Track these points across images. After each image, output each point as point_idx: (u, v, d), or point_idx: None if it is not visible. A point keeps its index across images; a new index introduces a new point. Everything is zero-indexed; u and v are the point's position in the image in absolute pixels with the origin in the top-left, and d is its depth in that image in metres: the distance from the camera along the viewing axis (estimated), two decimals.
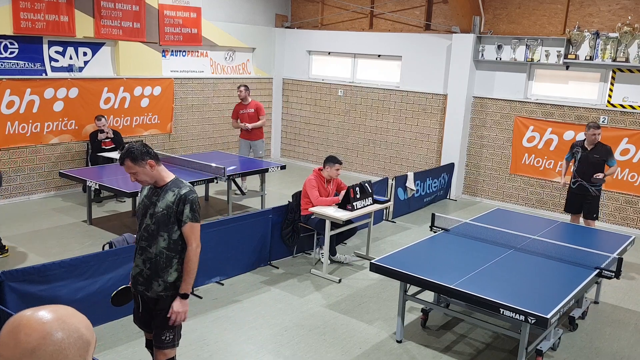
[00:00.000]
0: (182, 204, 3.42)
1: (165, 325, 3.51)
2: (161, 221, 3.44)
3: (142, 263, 3.53)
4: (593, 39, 8.76)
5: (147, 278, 3.51)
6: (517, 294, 4.27)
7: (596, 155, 7.06)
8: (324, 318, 5.47)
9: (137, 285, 3.58)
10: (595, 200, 7.23)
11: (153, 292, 3.52)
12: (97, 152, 8.88)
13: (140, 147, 3.44)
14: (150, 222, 3.47)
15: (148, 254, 3.50)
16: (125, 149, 3.46)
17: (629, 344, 5.27)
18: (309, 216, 6.63)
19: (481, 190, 10.38)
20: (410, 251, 5.23)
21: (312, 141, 12.52)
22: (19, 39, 8.47)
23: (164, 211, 3.43)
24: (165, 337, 3.52)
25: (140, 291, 3.58)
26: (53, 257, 6.39)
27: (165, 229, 3.45)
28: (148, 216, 3.49)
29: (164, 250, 3.47)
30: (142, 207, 3.57)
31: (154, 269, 3.49)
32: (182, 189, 3.46)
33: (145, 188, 3.63)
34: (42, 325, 1.29)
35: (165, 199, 3.45)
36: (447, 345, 5.07)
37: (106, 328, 5.00)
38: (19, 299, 4.45)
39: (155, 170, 3.47)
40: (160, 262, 3.48)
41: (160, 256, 3.47)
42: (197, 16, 10.71)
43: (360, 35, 11.48)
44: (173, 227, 3.45)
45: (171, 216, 3.44)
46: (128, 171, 3.44)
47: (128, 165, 3.41)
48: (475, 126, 10.28)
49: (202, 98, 11.22)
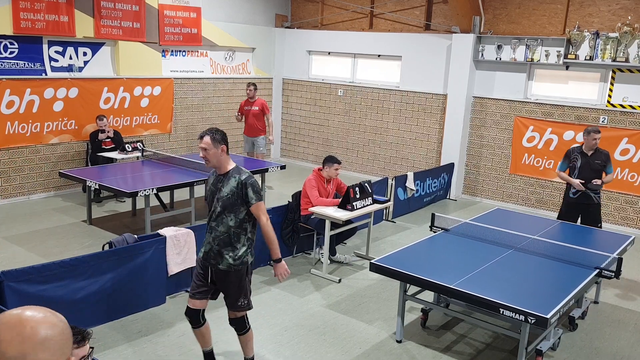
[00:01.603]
0: (244, 188, 3.94)
1: (240, 292, 4.10)
2: (227, 204, 3.94)
3: (212, 240, 4.02)
4: (593, 39, 8.76)
5: (218, 253, 4.01)
6: (517, 294, 4.27)
7: (597, 161, 6.61)
8: (324, 318, 5.47)
9: (209, 259, 4.06)
10: (599, 208, 6.75)
11: (224, 264, 4.01)
12: (97, 152, 8.88)
13: (222, 132, 4.03)
14: (218, 205, 3.97)
15: (217, 232, 3.99)
16: (209, 129, 4.00)
17: (629, 344, 5.27)
18: (308, 216, 6.63)
19: (481, 190, 10.38)
20: (410, 251, 5.23)
21: (312, 141, 12.52)
22: (19, 39, 8.47)
23: (229, 195, 3.94)
24: (240, 303, 4.13)
25: (212, 264, 4.05)
26: (53, 257, 6.39)
27: (231, 210, 3.95)
28: (216, 200, 3.99)
29: (232, 228, 3.97)
30: (209, 193, 4.10)
31: (223, 244, 3.99)
32: (242, 175, 3.97)
33: (210, 177, 4.15)
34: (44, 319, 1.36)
35: (229, 185, 3.95)
36: (447, 345, 5.07)
37: (106, 328, 5.00)
38: (19, 299, 4.45)
39: (223, 156, 3.98)
40: (229, 239, 3.99)
41: (229, 233, 3.98)
42: (197, 16, 10.72)
43: (360, 35, 11.48)
44: (239, 209, 3.96)
45: (237, 199, 3.93)
46: (203, 146, 3.92)
47: (206, 141, 3.90)
48: (475, 126, 10.28)
49: (202, 98, 11.22)
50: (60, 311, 1.48)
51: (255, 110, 9.86)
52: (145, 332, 4.97)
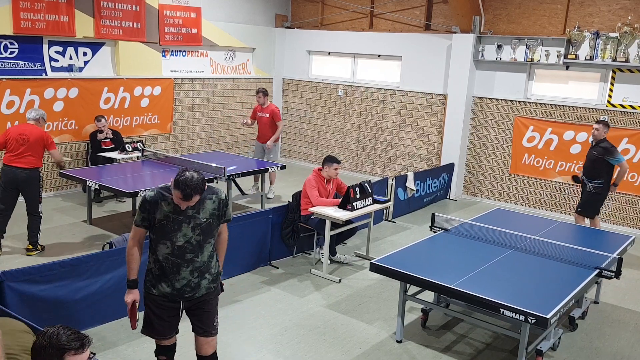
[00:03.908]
0: (224, 207, 3.60)
1: (216, 311, 3.74)
2: (207, 230, 3.52)
3: (189, 274, 3.52)
4: (593, 39, 8.76)
5: (197, 284, 3.57)
6: (517, 294, 4.27)
7: (594, 152, 7.20)
8: (324, 318, 5.47)
9: (182, 295, 3.55)
10: (588, 196, 7.31)
11: (202, 290, 3.60)
12: (97, 152, 8.88)
13: (204, 180, 3.39)
14: (193, 234, 3.47)
15: (196, 263, 3.53)
16: (194, 185, 3.28)
17: (629, 344, 5.27)
18: (308, 216, 6.63)
19: (481, 190, 10.38)
20: (410, 251, 5.23)
21: (312, 141, 12.52)
22: (19, 39, 8.47)
23: (209, 220, 3.52)
24: (215, 323, 3.74)
25: (187, 298, 3.57)
26: (53, 257, 6.39)
27: (210, 235, 3.57)
28: (189, 230, 3.45)
29: (212, 252, 3.64)
30: (172, 223, 3.43)
31: (202, 273, 3.58)
32: (219, 194, 3.59)
33: (161, 204, 3.46)
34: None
35: (205, 209, 3.51)
36: (447, 345, 5.07)
37: (106, 328, 5.00)
38: (19, 299, 4.45)
39: None
40: (209, 264, 3.61)
41: (210, 258, 3.62)
42: (197, 16, 10.71)
43: (360, 35, 11.48)
44: (216, 230, 3.61)
45: (217, 220, 3.57)
46: (189, 205, 3.39)
47: (195, 200, 3.37)
48: (475, 126, 10.28)
49: (202, 98, 11.22)
50: (60, 311, 1.47)
51: (266, 117, 9.44)
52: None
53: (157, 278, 3.56)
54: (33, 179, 6.52)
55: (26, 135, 6.45)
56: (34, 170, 6.49)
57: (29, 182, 6.50)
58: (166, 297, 3.56)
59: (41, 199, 6.69)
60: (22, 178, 6.47)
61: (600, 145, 7.16)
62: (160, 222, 3.46)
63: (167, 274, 3.51)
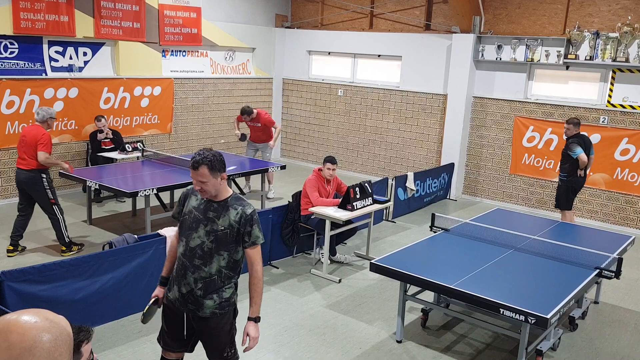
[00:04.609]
0: (248, 226, 3.22)
1: (227, 342, 3.40)
2: (222, 240, 3.22)
3: (193, 282, 3.27)
4: (593, 39, 8.76)
5: (200, 297, 3.28)
6: (517, 294, 4.27)
7: (564, 148, 7.69)
8: (324, 318, 5.47)
9: (186, 304, 3.32)
10: (558, 189, 7.85)
11: (206, 311, 3.29)
12: (97, 152, 8.88)
13: (220, 157, 3.21)
14: (207, 239, 3.23)
15: (202, 272, 3.25)
16: (203, 155, 3.14)
17: (629, 344, 5.27)
18: (309, 216, 6.63)
19: (481, 190, 10.38)
20: (410, 251, 5.23)
21: (312, 141, 12.52)
22: (19, 39, 8.47)
23: (226, 230, 3.21)
24: (227, 354, 3.42)
25: (190, 309, 3.33)
26: (53, 257, 6.39)
27: (225, 248, 3.24)
28: (204, 233, 3.23)
29: (223, 270, 3.27)
30: (192, 219, 3.28)
31: (207, 288, 3.27)
32: (246, 208, 3.24)
33: (191, 196, 3.35)
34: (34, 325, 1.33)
35: (227, 217, 3.22)
36: (447, 345, 5.07)
37: (106, 328, 5.00)
38: (19, 299, 4.45)
39: (223, 184, 3.25)
40: (217, 281, 3.28)
41: (219, 275, 3.27)
42: (197, 16, 10.72)
43: (360, 35, 11.48)
44: (235, 247, 3.26)
45: (234, 236, 3.23)
46: (199, 179, 3.15)
47: (203, 173, 3.12)
48: (475, 126, 10.28)
49: (202, 98, 11.22)
50: (60, 311, 1.46)
51: (259, 126, 9.43)
52: (145, 332, 4.96)
53: (173, 279, 3.42)
54: (34, 180, 6.51)
55: (25, 136, 6.47)
56: (33, 171, 6.49)
57: (30, 183, 6.51)
58: (174, 303, 3.40)
59: (54, 200, 6.64)
60: (23, 179, 6.50)
61: (568, 140, 7.60)
62: (184, 216, 3.34)
63: (178, 275, 3.36)
